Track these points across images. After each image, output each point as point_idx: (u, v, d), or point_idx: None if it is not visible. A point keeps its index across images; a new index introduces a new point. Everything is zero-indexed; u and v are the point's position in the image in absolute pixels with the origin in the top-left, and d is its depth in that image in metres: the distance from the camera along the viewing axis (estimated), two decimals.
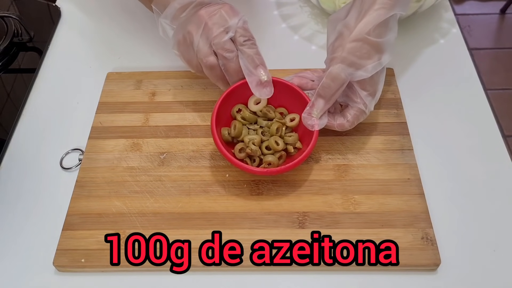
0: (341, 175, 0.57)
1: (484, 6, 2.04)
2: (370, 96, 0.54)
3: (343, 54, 0.52)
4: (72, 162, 0.60)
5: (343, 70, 0.52)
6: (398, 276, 0.50)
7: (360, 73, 0.52)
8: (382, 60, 0.53)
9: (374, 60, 0.52)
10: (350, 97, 0.55)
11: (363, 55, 0.52)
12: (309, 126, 0.54)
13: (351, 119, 0.55)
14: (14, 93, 0.69)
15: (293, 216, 0.53)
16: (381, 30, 0.52)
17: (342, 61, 0.52)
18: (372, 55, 0.52)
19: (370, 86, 0.54)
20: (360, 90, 0.54)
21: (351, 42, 0.52)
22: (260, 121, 0.58)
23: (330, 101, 0.54)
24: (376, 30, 0.51)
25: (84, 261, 0.51)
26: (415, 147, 0.59)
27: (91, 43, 0.75)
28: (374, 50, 0.52)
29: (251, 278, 0.51)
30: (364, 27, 0.51)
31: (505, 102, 1.71)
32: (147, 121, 0.63)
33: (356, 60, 0.52)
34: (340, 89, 0.53)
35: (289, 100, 0.58)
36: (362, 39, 0.51)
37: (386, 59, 0.53)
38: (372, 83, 0.54)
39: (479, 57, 1.85)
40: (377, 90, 0.55)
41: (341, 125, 0.55)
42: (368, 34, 0.51)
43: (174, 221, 0.53)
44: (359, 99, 0.54)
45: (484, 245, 0.52)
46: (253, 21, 0.76)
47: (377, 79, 0.54)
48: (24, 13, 0.80)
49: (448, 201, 0.55)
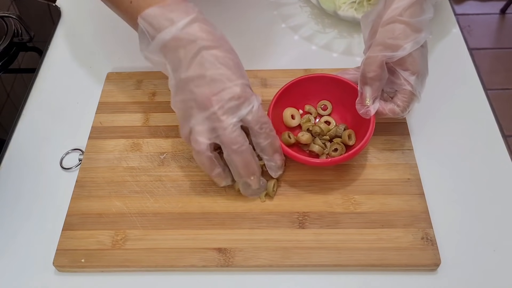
0: (342, 175, 0.56)
1: (484, 6, 2.04)
2: (414, 75, 0.53)
3: (378, 39, 0.52)
4: (72, 162, 0.60)
5: (380, 52, 0.52)
6: (398, 276, 0.50)
7: (396, 55, 0.52)
8: (420, 38, 0.52)
9: (410, 39, 0.52)
10: (395, 82, 0.55)
11: (397, 36, 0.51)
12: (364, 115, 0.54)
13: (401, 103, 0.54)
14: (14, 93, 0.69)
15: (293, 216, 0.53)
16: (414, 11, 0.52)
17: (377, 45, 0.52)
18: (408, 34, 0.52)
19: (411, 65, 0.53)
20: (402, 71, 0.53)
21: (383, 26, 0.52)
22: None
23: (375, 86, 0.54)
24: (408, 11, 0.51)
25: (84, 261, 0.51)
26: (415, 147, 0.59)
27: (91, 43, 0.75)
28: (410, 29, 0.52)
29: (251, 278, 0.51)
30: (395, 10, 0.51)
31: (505, 102, 1.71)
32: (147, 121, 0.63)
33: (392, 42, 0.52)
34: (381, 72, 0.53)
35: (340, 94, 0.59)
36: (394, 21, 0.51)
37: (423, 38, 0.53)
38: (412, 61, 0.53)
39: (479, 57, 1.85)
40: (419, 69, 0.53)
41: (392, 110, 0.55)
42: (400, 15, 0.51)
43: (174, 221, 0.53)
44: (403, 80, 0.53)
45: (485, 245, 0.52)
46: (253, 21, 0.76)
47: (417, 58, 0.53)
48: (24, 13, 0.80)
49: (448, 201, 0.55)
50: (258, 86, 0.65)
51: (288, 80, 0.59)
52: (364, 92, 0.54)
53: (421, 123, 0.62)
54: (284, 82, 0.59)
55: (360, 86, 0.55)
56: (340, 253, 0.50)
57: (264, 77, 0.66)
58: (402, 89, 0.54)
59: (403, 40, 0.52)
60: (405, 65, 0.53)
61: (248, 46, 0.72)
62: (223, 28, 0.53)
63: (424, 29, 0.53)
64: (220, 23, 0.76)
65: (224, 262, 0.50)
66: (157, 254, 0.51)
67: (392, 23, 0.52)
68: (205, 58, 0.48)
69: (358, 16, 0.70)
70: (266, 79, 0.66)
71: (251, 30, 0.75)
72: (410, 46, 0.52)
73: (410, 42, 0.52)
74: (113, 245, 0.52)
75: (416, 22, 0.52)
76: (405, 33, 0.52)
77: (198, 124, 0.49)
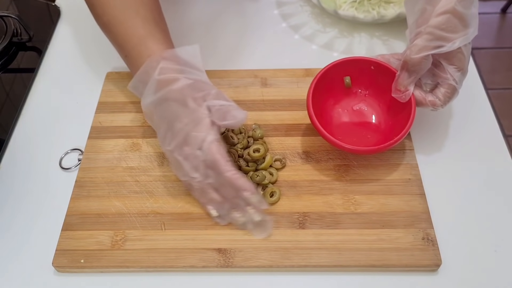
0: (342, 175, 0.56)
1: (484, 5, 2.03)
2: (459, 72, 0.53)
3: (429, 28, 0.51)
4: (71, 162, 0.60)
5: (430, 42, 0.51)
6: (398, 277, 0.50)
7: (446, 47, 0.51)
8: (469, 34, 0.52)
9: (460, 34, 0.51)
10: (438, 75, 0.54)
11: (450, 28, 0.51)
12: (399, 98, 0.55)
13: (442, 97, 0.54)
14: (14, 93, 0.69)
15: (293, 216, 0.53)
16: (466, 2, 0.51)
17: (429, 34, 0.51)
18: (459, 28, 0.51)
19: (457, 60, 0.53)
20: (448, 66, 0.53)
21: (438, 16, 0.51)
22: None
23: (414, 73, 0.53)
24: (462, 1, 0.50)
25: (84, 261, 0.51)
26: (416, 147, 0.59)
27: (90, 43, 0.75)
28: (461, 23, 0.51)
29: (251, 279, 0.51)
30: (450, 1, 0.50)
31: (506, 102, 1.70)
32: (147, 121, 0.62)
33: (443, 34, 0.51)
34: (425, 62, 0.52)
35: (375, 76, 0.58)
36: (450, 11, 0.50)
37: (472, 33, 0.52)
38: (460, 57, 0.52)
39: (479, 57, 1.85)
40: (464, 65, 0.53)
41: (433, 102, 0.54)
42: (455, 5, 0.50)
43: (174, 221, 0.53)
44: (448, 75, 0.53)
45: (486, 246, 0.52)
46: (253, 21, 0.76)
47: (465, 53, 0.52)
48: (23, 13, 0.80)
49: (449, 201, 0.55)
50: (258, 85, 0.65)
51: (289, 79, 0.59)
52: (401, 77, 0.54)
53: (422, 123, 0.62)
54: (285, 82, 0.59)
55: (400, 69, 0.54)
56: (340, 254, 0.50)
57: (264, 76, 0.66)
58: (446, 83, 0.54)
59: (455, 34, 0.51)
60: (452, 60, 0.53)
61: (248, 46, 0.72)
62: (223, 27, 0.53)
63: (473, 24, 0.52)
64: (220, 22, 0.76)
65: (224, 263, 0.50)
66: (156, 254, 0.51)
67: (447, 14, 0.50)
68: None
69: (358, 16, 0.70)
70: (266, 79, 0.65)
71: (251, 29, 0.74)
72: (460, 41, 0.51)
73: (461, 37, 0.51)
74: (113, 245, 0.52)
75: (468, 15, 0.51)
76: (457, 27, 0.51)
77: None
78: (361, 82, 0.60)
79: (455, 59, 0.52)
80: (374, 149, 0.54)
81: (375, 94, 0.60)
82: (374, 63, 0.58)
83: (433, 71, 0.54)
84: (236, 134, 0.58)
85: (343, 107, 0.61)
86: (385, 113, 0.59)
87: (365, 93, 0.61)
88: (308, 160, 0.58)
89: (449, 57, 0.52)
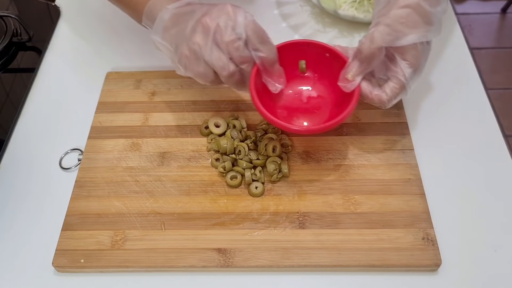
0: (342, 175, 0.56)
1: (485, 5, 2.03)
2: (411, 68, 0.51)
3: (389, 20, 0.50)
4: (71, 162, 0.60)
5: (386, 34, 0.50)
6: (398, 277, 0.50)
7: (400, 42, 0.50)
8: (429, 33, 0.51)
9: (420, 31, 0.50)
10: (390, 68, 0.52)
11: (409, 23, 0.49)
12: (344, 88, 0.53)
13: (389, 92, 0.52)
14: (14, 93, 0.69)
15: (293, 216, 0.53)
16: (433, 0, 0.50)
17: (386, 26, 0.50)
18: (419, 25, 0.50)
19: (411, 56, 0.51)
20: (401, 60, 0.51)
21: (399, 9, 0.50)
22: None
23: (364, 64, 0.52)
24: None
25: (84, 261, 0.51)
26: (416, 147, 0.59)
27: (90, 43, 0.75)
28: (423, 20, 0.50)
29: (250, 279, 0.51)
30: None
31: (506, 102, 1.70)
32: (147, 121, 0.62)
33: (402, 28, 0.49)
34: (378, 53, 0.51)
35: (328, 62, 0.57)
36: (413, 6, 0.49)
37: (432, 33, 0.51)
38: (414, 54, 0.51)
39: (479, 57, 1.85)
40: (419, 64, 0.51)
41: (379, 96, 0.52)
42: (420, 0, 0.49)
43: (174, 221, 0.53)
44: (399, 69, 0.51)
45: (486, 246, 0.52)
46: None
47: (420, 51, 0.51)
48: (23, 13, 0.80)
49: (449, 201, 0.55)
50: None
51: None
52: (351, 65, 0.53)
53: (422, 123, 0.62)
54: None
55: (351, 58, 0.53)
56: (340, 254, 0.50)
57: None
58: (395, 78, 0.52)
59: (413, 29, 0.50)
60: (405, 55, 0.51)
61: None
62: None
63: (435, 24, 0.51)
64: None
65: (224, 263, 0.50)
66: (156, 254, 0.51)
67: (409, 8, 0.49)
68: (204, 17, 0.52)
69: (358, 16, 0.70)
70: None
71: None
72: (417, 38, 0.50)
73: (418, 33, 0.50)
74: (113, 245, 0.52)
75: (431, 13, 0.50)
76: (418, 23, 0.50)
77: (211, 54, 0.51)
78: (315, 67, 0.59)
79: (409, 55, 0.51)
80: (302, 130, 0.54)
81: (326, 81, 0.59)
82: (330, 50, 0.56)
83: (387, 64, 0.53)
84: (239, 131, 0.59)
85: (292, 88, 0.59)
86: (332, 102, 0.58)
87: (315, 78, 0.59)
88: (308, 160, 0.58)
89: (403, 51, 0.51)
